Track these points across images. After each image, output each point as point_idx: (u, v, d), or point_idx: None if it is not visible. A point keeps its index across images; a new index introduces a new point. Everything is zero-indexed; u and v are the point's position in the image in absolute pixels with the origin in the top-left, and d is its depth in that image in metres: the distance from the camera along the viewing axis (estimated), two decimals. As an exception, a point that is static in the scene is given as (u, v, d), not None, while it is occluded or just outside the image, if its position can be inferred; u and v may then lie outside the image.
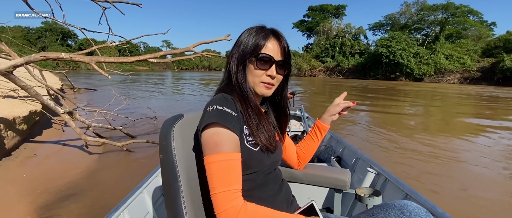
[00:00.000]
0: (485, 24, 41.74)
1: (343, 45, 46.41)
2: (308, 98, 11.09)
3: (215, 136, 0.61)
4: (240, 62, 0.73)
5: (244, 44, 0.73)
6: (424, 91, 17.66)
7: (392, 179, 1.45)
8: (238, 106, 0.68)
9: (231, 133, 0.62)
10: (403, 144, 4.21)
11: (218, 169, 0.59)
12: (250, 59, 0.72)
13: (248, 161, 0.67)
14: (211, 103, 0.66)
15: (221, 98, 0.66)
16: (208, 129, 0.62)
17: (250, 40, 0.73)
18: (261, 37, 0.72)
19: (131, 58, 2.98)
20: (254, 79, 0.73)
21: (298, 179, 1.10)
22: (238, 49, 0.74)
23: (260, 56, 0.71)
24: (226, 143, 0.61)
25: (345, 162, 2.10)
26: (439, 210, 1.10)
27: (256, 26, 0.75)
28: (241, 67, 0.73)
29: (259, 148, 0.69)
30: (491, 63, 32.05)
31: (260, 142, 0.69)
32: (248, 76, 0.74)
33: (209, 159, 0.61)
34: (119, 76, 19.26)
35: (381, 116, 7.45)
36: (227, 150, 0.60)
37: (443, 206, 1.17)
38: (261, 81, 0.73)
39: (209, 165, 0.60)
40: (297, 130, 3.18)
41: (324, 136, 1.00)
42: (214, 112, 0.63)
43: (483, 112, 8.56)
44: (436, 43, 36.51)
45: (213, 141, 0.61)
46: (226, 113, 0.63)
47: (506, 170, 3.22)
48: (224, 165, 0.60)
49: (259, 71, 0.72)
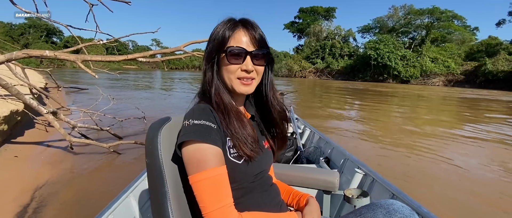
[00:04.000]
0: (469, 28, 43.26)
1: (333, 47, 47.04)
2: (299, 99, 11.17)
3: (196, 153, 0.58)
4: (209, 60, 0.67)
5: (213, 40, 0.67)
6: (411, 94, 18.12)
7: (379, 179, 1.47)
8: (218, 117, 0.64)
9: (213, 147, 0.59)
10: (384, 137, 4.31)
11: (206, 188, 0.57)
12: (220, 55, 0.66)
13: (232, 175, 0.63)
14: (188, 117, 0.62)
15: (198, 109, 0.63)
16: (187, 146, 0.59)
17: (217, 34, 0.66)
18: (227, 28, 0.65)
19: (119, 57, 2.91)
20: (230, 76, 0.67)
21: (287, 181, 1.10)
22: (208, 47, 0.69)
23: (229, 49, 0.64)
24: (209, 158, 0.58)
25: (333, 163, 2.12)
26: (424, 209, 1.13)
27: (223, 21, 0.68)
28: (209, 66, 0.68)
29: (243, 160, 0.65)
30: (474, 67, 33.22)
31: (243, 154, 0.64)
32: (224, 75, 0.68)
33: (194, 178, 0.58)
34: (108, 75, 18.83)
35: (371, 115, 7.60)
36: (211, 166, 0.57)
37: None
38: (237, 77, 0.67)
39: (196, 184, 0.58)
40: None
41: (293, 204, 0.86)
42: (191, 128, 0.59)
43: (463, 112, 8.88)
44: (422, 46, 37.55)
45: (195, 159, 0.58)
46: (204, 126, 0.60)
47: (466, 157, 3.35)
48: (211, 182, 0.57)
49: (232, 66, 0.65)
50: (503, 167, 3.42)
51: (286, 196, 0.88)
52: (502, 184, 2.86)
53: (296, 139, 2.70)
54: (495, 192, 2.65)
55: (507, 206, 2.37)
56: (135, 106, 5.60)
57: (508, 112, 9.76)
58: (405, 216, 0.63)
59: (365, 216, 0.68)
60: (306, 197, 0.82)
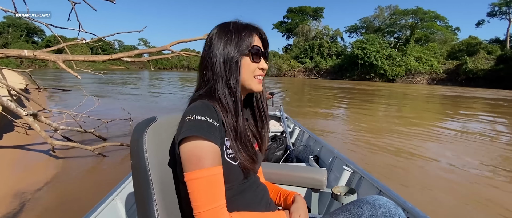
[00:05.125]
0: (450, 29, 44.88)
1: (321, 46, 47.66)
2: (288, 98, 11.25)
3: (196, 150, 0.57)
4: (231, 62, 0.66)
5: (231, 41, 0.67)
6: (396, 92, 18.61)
7: (366, 176, 1.50)
8: (220, 116, 0.63)
9: (213, 145, 0.58)
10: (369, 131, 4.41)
11: (201, 186, 0.56)
12: (244, 54, 0.67)
13: (226, 175, 0.62)
14: (191, 112, 0.59)
15: (202, 106, 0.61)
16: (188, 141, 0.57)
17: (237, 35, 0.67)
18: (248, 30, 0.68)
19: (103, 56, 2.82)
20: (249, 75, 0.68)
21: (276, 180, 1.10)
22: (225, 48, 0.67)
23: (254, 49, 0.67)
24: (209, 157, 0.57)
25: (322, 161, 2.15)
26: (409, 205, 1.16)
27: (234, 22, 0.70)
28: (233, 67, 0.66)
29: (238, 162, 0.65)
30: (455, 66, 34.51)
31: (240, 157, 0.65)
32: (244, 74, 0.68)
33: (190, 175, 0.57)
34: (93, 76, 18.33)
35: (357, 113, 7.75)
36: (210, 165, 0.57)
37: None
38: (255, 75, 0.70)
39: (191, 182, 0.57)
40: (276, 130, 3.20)
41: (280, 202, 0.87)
42: (194, 123, 0.58)
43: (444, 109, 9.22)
44: (407, 46, 38.66)
45: (195, 156, 0.57)
46: (207, 123, 0.58)
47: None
48: (207, 181, 0.56)
49: (253, 65, 0.68)
50: (480, 160, 3.57)
51: (274, 195, 0.89)
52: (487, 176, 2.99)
53: (286, 138, 2.71)
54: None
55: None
56: (121, 107, 5.46)
57: (484, 109, 10.19)
58: (389, 211, 0.64)
59: (351, 212, 0.69)
60: (293, 195, 0.82)
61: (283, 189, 0.89)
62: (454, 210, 2.22)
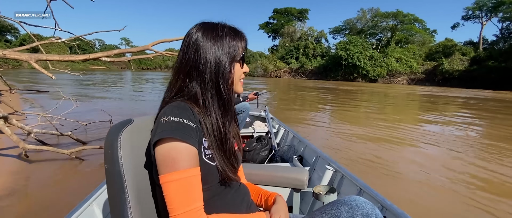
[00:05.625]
0: (428, 31, 46.94)
1: (306, 47, 48.37)
2: (274, 98, 11.31)
3: (172, 152, 0.55)
4: (225, 69, 0.65)
5: (222, 47, 0.65)
6: (378, 92, 19.19)
7: (347, 175, 1.53)
8: (197, 116, 0.62)
9: (189, 146, 0.57)
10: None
11: (177, 189, 0.55)
12: (235, 61, 0.68)
13: (205, 176, 0.61)
14: (166, 113, 0.58)
15: (177, 107, 0.60)
16: (163, 143, 0.56)
17: (229, 41, 0.66)
18: (239, 37, 0.69)
19: (80, 56, 2.70)
20: (236, 80, 0.70)
21: (258, 181, 1.09)
22: (217, 53, 0.64)
23: (243, 55, 0.69)
24: (185, 158, 0.56)
25: (306, 161, 2.17)
26: (388, 202, 1.19)
27: (221, 25, 0.68)
28: (226, 75, 0.66)
29: (217, 162, 0.65)
30: (433, 66, 36.11)
31: (224, 166, 0.65)
32: (232, 78, 0.69)
33: (165, 178, 0.55)
34: (72, 76, 17.61)
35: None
36: (186, 166, 0.55)
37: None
38: (240, 79, 0.72)
39: (167, 184, 0.55)
40: (262, 131, 3.20)
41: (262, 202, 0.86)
42: (169, 124, 0.56)
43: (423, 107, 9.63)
44: (388, 47, 40.03)
45: (170, 158, 0.55)
46: (184, 125, 0.57)
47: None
48: (183, 183, 0.55)
49: (241, 70, 0.71)
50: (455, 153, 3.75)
51: (255, 197, 0.88)
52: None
53: (270, 138, 2.71)
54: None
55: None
56: (101, 109, 5.27)
57: (461, 107, 10.74)
58: (367, 211, 0.65)
59: (330, 213, 0.69)
60: (274, 196, 0.82)
61: (264, 190, 0.89)
62: (424, 196, 2.32)
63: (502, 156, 3.80)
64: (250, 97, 3.03)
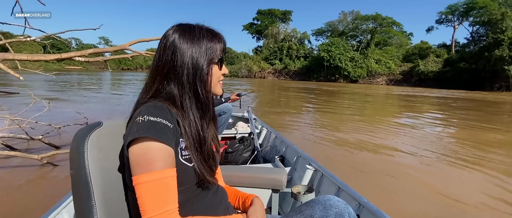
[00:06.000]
0: (405, 34, 49.02)
1: (290, 48, 48.96)
2: (257, 99, 11.33)
3: (147, 152, 0.54)
4: (202, 71, 0.64)
5: (200, 49, 0.64)
6: (359, 93, 19.78)
7: (327, 174, 1.55)
8: (175, 116, 0.61)
9: (165, 147, 0.55)
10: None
11: (150, 190, 0.53)
12: (213, 63, 0.67)
13: (181, 177, 0.60)
14: (142, 113, 0.56)
15: (154, 107, 0.58)
16: (137, 143, 0.54)
17: (206, 43, 0.65)
18: (217, 38, 0.68)
19: (51, 56, 2.55)
20: (215, 82, 0.69)
21: (236, 183, 1.08)
22: (194, 55, 0.63)
23: (222, 57, 0.68)
24: (161, 159, 0.54)
25: (288, 161, 2.19)
26: (365, 199, 1.22)
27: (198, 26, 0.67)
28: (204, 77, 0.65)
29: (194, 163, 0.63)
30: (409, 68, 37.73)
31: (202, 168, 0.64)
32: (210, 80, 0.67)
33: (139, 179, 0.53)
34: (46, 77, 16.69)
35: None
36: (161, 167, 0.54)
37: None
38: (219, 81, 0.71)
39: (140, 186, 0.53)
40: (244, 131, 3.19)
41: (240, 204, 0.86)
42: (145, 124, 0.55)
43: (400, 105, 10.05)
44: (368, 49, 41.35)
45: (145, 158, 0.53)
46: (161, 124, 0.55)
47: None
48: (157, 184, 0.53)
49: (220, 72, 0.70)
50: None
51: (233, 199, 0.88)
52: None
53: (253, 139, 2.71)
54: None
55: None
56: (76, 111, 5.02)
57: (434, 106, 11.32)
58: (340, 210, 0.66)
59: (304, 213, 0.70)
60: (251, 198, 0.82)
61: (242, 192, 0.89)
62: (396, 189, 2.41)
63: (467, 148, 4.03)
64: (232, 98, 3.01)
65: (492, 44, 27.05)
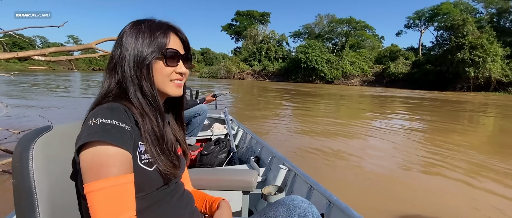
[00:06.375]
0: (377, 37, 51.64)
1: (268, 50, 49.42)
2: (235, 100, 11.29)
3: (99, 158, 0.50)
4: (142, 64, 0.61)
5: (142, 42, 0.61)
6: (334, 94, 20.44)
7: (299, 173, 1.58)
8: (134, 117, 0.58)
9: (121, 151, 0.52)
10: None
11: (104, 198, 0.49)
12: (156, 58, 0.62)
13: (140, 183, 0.57)
14: (95, 115, 0.53)
15: (109, 108, 0.55)
16: (89, 148, 0.50)
17: (149, 36, 0.61)
18: (162, 31, 0.62)
19: (6, 54, 2.34)
20: (164, 79, 0.64)
21: (206, 186, 1.06)
22: (135, 49, 0.61)
23: (168, 52, 0.62)
24: (115, 164, 0.51)
25: (263, 161, 2.19)
26: (334, 197, 1.24)
27: (146, 20, 0.64)
28: (144, 71, 0.61)
29: (155, 167, 0.60)
30: (381, 69, 39.67)
31: (159, 162, 0.60)
32: (156, 77, 0.63)
33: (91, 186, 0.49)
34: (3, 78, 15.41)
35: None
36: (116, 173, 0.50)
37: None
38: (171, 79, 0.65)
39: (92, 194, 0.49)
40: (221, 133, 3.15)
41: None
42: (97, 127, 0.51)
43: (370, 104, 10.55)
44: (343, 51, 42.86)
45: (97, 164, 0.50)
46: (116, 127, 0.52)
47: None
48: (112, 192, 0.50)
49: (169, 69, 0.63)
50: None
51: (200, 203, 0.86)
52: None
53: (229, 140, 2.69)
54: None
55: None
56: (38, 115, 4.66)
57: (403, 105, 12.01)
58: (303, 211, 0.67)
59: (268, 215, 0.70)
60: (218, 201, 0.81)
61: (209, 196, 0.87)
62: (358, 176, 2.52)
63: (430, 144, 4.32)
64: (208, 100, 2.97)
65: (454, 47, 29.16)
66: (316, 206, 1.41)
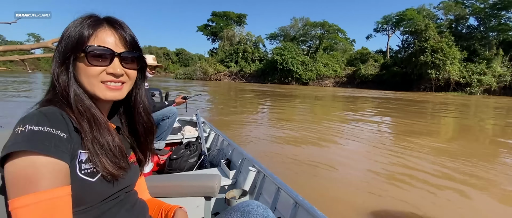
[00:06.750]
0: (349, 40, 54.04)
1: (245, 51, 49.57)
2: (210, 102, 11.12)
3: (27, 170, 0.44)
4: (62, 62, 0.56)
5: (67, 38, 0.56)
6: (309, 95, 20.98)
7: (268, 175, 1.57)
8: (72, 123, 0.53)
9: (55, 161, 0.46)
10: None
11: (31, 216, 0.43)
12: (77, 56, 0.56)
13: (81, 196, 0.52)
14: (24, 122, 0.47)
15: (40, 114, 0.49)
16: (14, 159, 0.44)
17: (74, 31, 0.56)
18: (86, 25, 0.56)
19: None
20: (91, 80, 0.56)
21: (165, 193, 1.00)
22: (60, 47, 0.56)
23: (90, 49, 0.55)
24: (46, 176, 0.45)
25: (233, 164, 2.15)
26: (300, 198, 1.25)
27: (84, 16, 0.58)
28: (63, 68, 0.56)
29: (98, 177, 0.54)
30: (353, 71, 41.53)
31: (103, 169, 0.54)
32: (81, 78, 0.57)
33: (16, 202, 0.43)
34: None
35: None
36: (47, 186, 0.44)
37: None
38: (101, 81, 0.57)
39: (18, 210, 0.43)
40: (192, 136, 3.06)
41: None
42: (25, 135, 0.45)
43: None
44: (317, 53, 44.21)
45: (25, 177, 0.44)
46: (48, 135, 0.47)
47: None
48: (42, 207, 0.44)
49: (94, 68, 0.56)
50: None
51: (156, 212, 0.80)
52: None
53: (200, 143, 2.62)
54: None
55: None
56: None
57: (372, 104, 12.65)
58: (258, 216, 0.65)
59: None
60: (174, 210, 0.76)
61: (166, 204, 0.82)
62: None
63: (394, 142, 4.58)
64: (177, 102, 2.87)
65: (418, 51, 31.35)
66: (283, 207, 1.41)
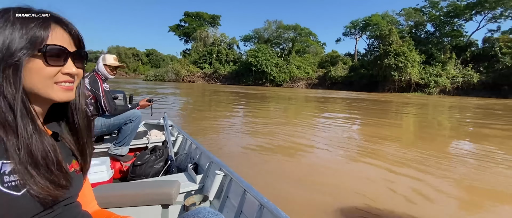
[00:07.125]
0: (320, 43, 55.99)
1: (219, 53, 49.07)
2: (179, 104, 10.82)
3: None
4: (7, 63, 0.48)
5: (10, 35, 0.48)
6: (283, 96, 21.35)
7: (235, 177, 1.54)
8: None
9: None
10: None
11: None
12: (31, 55, 0.50)
13: (6, 211, 0.46)
14: None
15: None
16: None
17: (20, 28, 0.49)
18: (40, 22, 0.51)
19: None
20: (45, 81, 0.52)
21: (118, 203, 0.93)
22: (11, 41, 0.49)
23: (49, 48, 0.50)
24: None
25: (201, 168, 2.09)
26: (265, 199, 1.24)
27: (19, 8, 0.51)
28: (9, 70, 0.48)
29: (26, 190, 0.48)
30: (324, 73, 43.08)
31: (33, 185, 0.48)
32: (35, 79, 0.51)
33: None
34: None
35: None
36: None
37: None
38: (56, 82, 0.53)
39: None
40: (158, 140, 2.93)
41: None
42: None
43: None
44: (290, 56, 45.20)
45: None
46: None
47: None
48: None
49: (51, 69, 0.51)
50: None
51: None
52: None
53: (167, 148, 2.51)
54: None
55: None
56: None
57: (342, 104, 13.23)
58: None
59: (170, 232, 0.62)
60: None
61: (115, 215, 0.75)
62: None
63: (360, 137, 4.82)
64: (141, 105, 2.73)
65: (382, 54, 33.40)
66: (249, 208, 1.39)
